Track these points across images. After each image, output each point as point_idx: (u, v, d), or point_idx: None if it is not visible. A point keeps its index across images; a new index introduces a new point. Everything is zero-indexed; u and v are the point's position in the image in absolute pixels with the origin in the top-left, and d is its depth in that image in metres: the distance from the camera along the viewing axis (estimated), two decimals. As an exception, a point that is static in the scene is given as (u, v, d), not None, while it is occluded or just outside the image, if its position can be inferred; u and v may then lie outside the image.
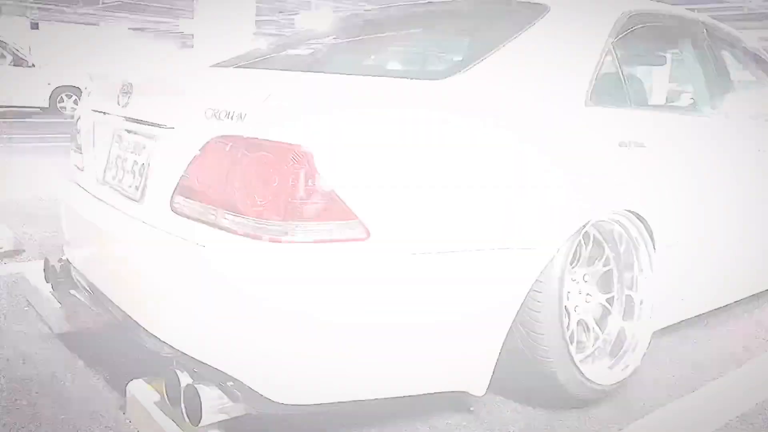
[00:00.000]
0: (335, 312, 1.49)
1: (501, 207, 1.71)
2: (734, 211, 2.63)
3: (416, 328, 1.62)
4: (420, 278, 1.58)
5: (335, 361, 1.52)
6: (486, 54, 1.86)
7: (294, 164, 1.43)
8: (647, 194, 2.08)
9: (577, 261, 2.02)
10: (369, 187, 1.50)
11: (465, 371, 1.75)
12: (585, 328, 2.08)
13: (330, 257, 1.47)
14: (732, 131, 2.64)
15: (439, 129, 1.64)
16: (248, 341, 1.47)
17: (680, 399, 2.07)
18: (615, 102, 2.14)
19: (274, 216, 1.45)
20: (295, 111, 1.46)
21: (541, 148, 1.81)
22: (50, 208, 4.17)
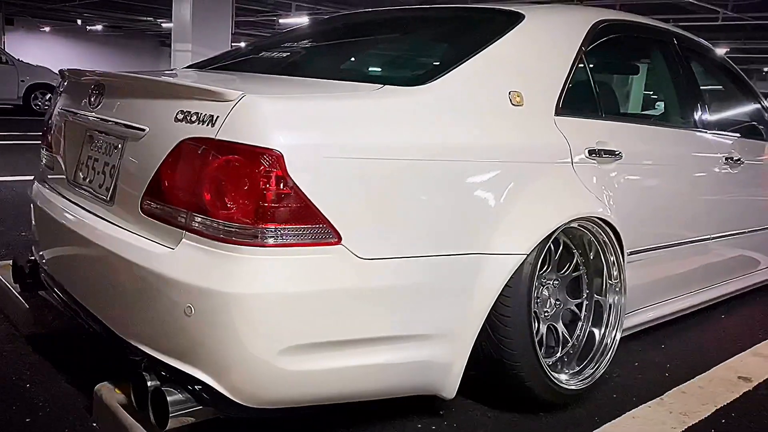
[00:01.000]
0: (305, 316, 1.50)
1: (471, 213, 1.73)
2: (702, 217, 2.68)
3: (386, 332, 1.63)
4: (390, 282, 1.60)
5: (303, 365, 1.52)
6: (460, 61, 1.88)
7: (265, 168, 1.43)
8: (615, 202, 2.11)
9: (547, 267, 2.04)
10: (341, 191, 1.51)
11: (435, 375, 1.76)
12: (554, 333, 2.10)
13: (300, 261, 1.47)
14: (700, 140, 2.70)
15: (412, 134, 1.65)
16: (216, 344, 1.47)
17: (647, 403, 2.11)
18: (586, 111, 2.18)
19: (245, 219, 1.45)
20: (267, 114, 1.46)
21: (510, 155, 1.83)
22: (20, 207, 4.12)
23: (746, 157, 2.89)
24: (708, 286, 2.92)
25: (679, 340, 2.70)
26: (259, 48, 2.62)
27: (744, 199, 2.97)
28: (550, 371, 1.93)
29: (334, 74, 1.95)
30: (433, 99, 1.76)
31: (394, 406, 1.86)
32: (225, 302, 1.44)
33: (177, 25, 8.50)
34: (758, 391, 2.27)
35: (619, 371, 2.31)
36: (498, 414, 1.97)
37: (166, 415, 1.50)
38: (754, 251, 3.24)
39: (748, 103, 3.29)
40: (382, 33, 2.48)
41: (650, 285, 2.48)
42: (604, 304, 2.16)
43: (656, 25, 2.70)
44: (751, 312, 3.21)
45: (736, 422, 2.03)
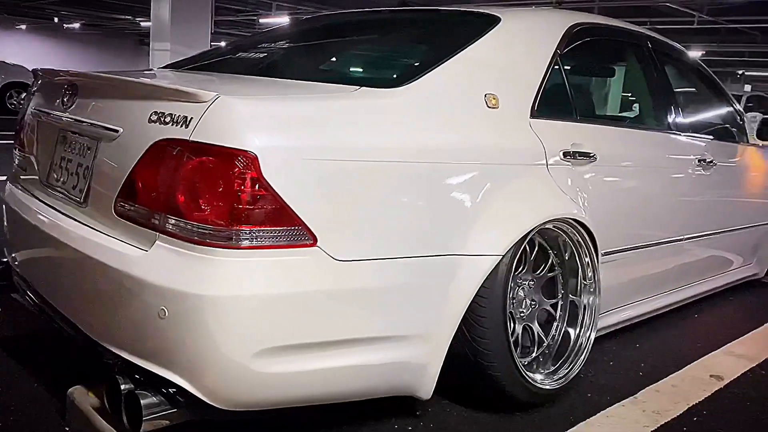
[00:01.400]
0: (280, 318, 1.49)
1: (446, 214, 1.74)
2: (676, 218, 2.72)
3: (362, 333, 1.63)
4: (366, 284, 1.60)
5: (279, 367, 1.52)
6: (437, 63, 1.89)
7: (239, 169, 1.42)
8: (590, 203, 2.14)
9: (522, 267, 2.06)
10: (316, 192, 1.51)
11: (411, 376, 1.76)
12: (530, 334, 2.12)
13: (275, 263, 1.47)
14: (674, 142, 2.74)
15: (388, 136, 1.66)
16: (190, 347, 1.46)
17: (621, 402, 2.13)
18: (561, 113, 2.20)
19: (219, 221, 1.44)
20: (241, 115, 1.46)
21: (486, 157, 1.85)
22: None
23: (719, 159, 2.94)
24: (682, 285, 2.96)
25: (653, 339, 2.74)
26: (236, 48, 2.61)
27: (717, 200, 3.02)
28: (525, 371, 1.95)
29: (311, 75, 1.95)
30: (409, 101, 1.77)
31: (370, 406, 1.87)
32: (199, 305, 1.43)
33: (155, 24, 8.43)
34: (729, 389, 2.31)
35: (594, 371, 2.34)
36: (474, 414, 1.98)
37: (140, 418, 1.49)
38: (726, 251, 3.30)
39: (721, 105, 3.35)
40: (359, 35, 2.49)
41: (625, 285, 2.51)
42: (579, 305, 2.19)
43: (630, 28, 2.74)
44: (725, 311, 3.27)
45: (707, 420, 2.07)
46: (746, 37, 13.13)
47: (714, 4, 10.38)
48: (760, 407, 2.19)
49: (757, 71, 19.79)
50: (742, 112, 3.44)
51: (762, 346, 2.76)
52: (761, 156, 3.46)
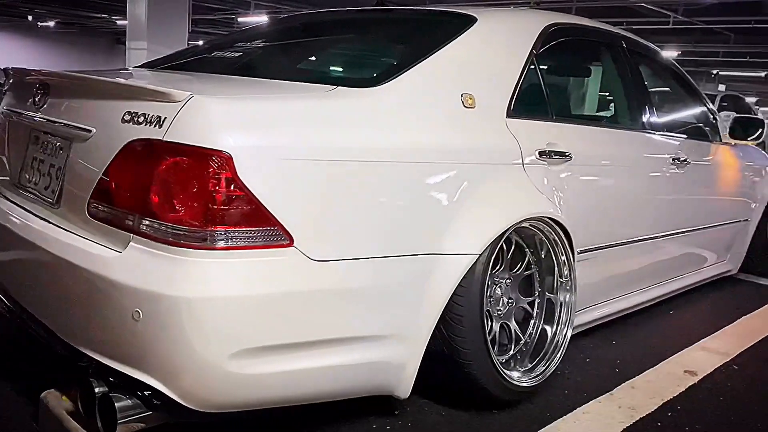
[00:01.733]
0: (256, 319, 1.49)
1: (424, 214, 1.75)
2: (651, 216, 2.76)
3: (339, 334, 1.63)
4: (343, 284, 1.60)
5: (255, 368, 1.51)
6: (413, 63, 1.90)
7: (213, 169, 1.41)
8: (565, 202, 2.16)
9: (499, 266, 2.08)
10: (292, 192, 1.50)
11: (389, 375, 1.77)
12: (507, 331, 2.14)
13: (251, 264, 1.46)
14: (648, 141, 2.77)
15: (365, 136, 1.66)
16: (165, 349, 1.44)
17: (597, 398, 2.16)
18: (536, 113, 2.22)
19: (193, 222, 1.43)
20: (216, 115, 1.45)
21: (462, 157, 1.85)
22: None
23: (692, 158, 2.98)
24: (657, 283, 3.00)
25: (629, 336, 2.77)
26: (213, 47, 2.59)
27: (691, 198, 3.07)
28: (502, 369, 1.96)
29: (288, 75, 1.94)
30: (385, 101, 1.77)
31: (348, 406, 1.87)
32: (174, 306, 1.42)
33: (131, 23, 8.32)
34: (702, 384, 2.35)
35: (570, 368, 2.36)
36: (452, 412, 1.99)
37: (114, 421, 1.47)
38: (701, 248, 3.35)
39: (694, 104, 3.40)
40: (336, 34, 2.48)
41: (601, 283, 2.54)
42: (555, 302, 2.21)
43: (605, 28, 2.76)
44: (699, 307, 3.32)
45: (681, 415, 2.10)
46: (720, 37, 13.34)
47: (689, 5, 10.53)
48: (733, 401, 2.23)
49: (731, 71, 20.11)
50: (715, 111, 3.50)
51: (735, 341, 2.81)
52: (734, 154, 3.51)
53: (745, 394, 2.30)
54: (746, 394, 2.30)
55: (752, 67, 18.37)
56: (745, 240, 3.73)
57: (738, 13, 10.63)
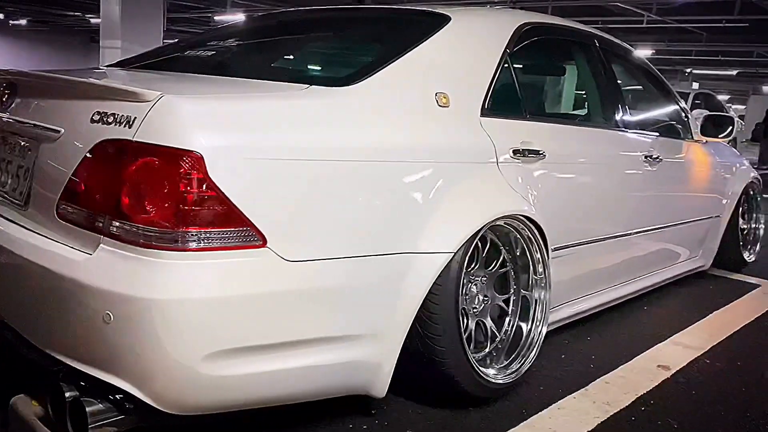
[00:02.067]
0: (230, 320, 1.48)
1: (398, 213, 1.75)
2: (624, 213, 2.79)
3: (314, 334, 1.62)
4: (317, 284, 1.59)
5: (229, 370, 1.50)
6: (387, 62, 1.90)
7: (184, 170, 1.40)
8: (539, 200, 2.17)
9: (475, 264, 2.09)
10: (265, 192, 1.50)
11: (365, 375, 1.77)
12: (483, 329, 2.15)
13: (224, 265, 1.45)
14: (621, 139, 2.80)
15: (338, 135, 1.65)
16: (137, 352, 1.43)
17: (572, 394, 2.18)
18: (510, 112, 2.23)
19: (164, 223, 1.42)
20: (186, 115, 1.43)
21: (437, 156, 1.86)
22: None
23: (665, 155, 3.02)
24: (631, 279, 3.04)
25: (603, 331, 2.80)
26: (186, 46, 2.56)
27: (663, 195, 3.11)
28: (478, 366, 1.97)
29: (261, 74, 1.93)
30: (359, 100, 1.77)
31: (325, 406, 1.86)
32: (145, 309, 1.40)
33: (105, 21, 8.20)
34: (675, 378, 2.38)
35: (546, 364, 2.38)
36: (429, 410, 2.00)
37: (85, 426, 1.45)
38: (674, 244, 3.40)
39: (667, 103, 3.44)
40: (310, 33, 2.47)
41: (575, 279, 2.56)
42: (530, 299, 2.22)
43: (579, 27, 2.79)
44: (672, 302, 3.37)
45: (654, 409, 2.13)
46: (693, 36, 13.56)
47: (662, 4, 10.68)
48: (704, 394, 2.27)
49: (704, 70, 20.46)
50: (686, 109, 3.55)
51: (707, 335, 2.86)
52: (705, 152, 3.57)
53: (716, 387, 2.34)
54: (717, 388, 2.34)
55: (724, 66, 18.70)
56: (716, 236, 3.79)
57: (709, 13, 10.81)
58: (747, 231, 4.15)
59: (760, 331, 2.99)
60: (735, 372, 2.49)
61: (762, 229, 4.24)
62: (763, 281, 3.87)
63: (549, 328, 2.42)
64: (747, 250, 4.10)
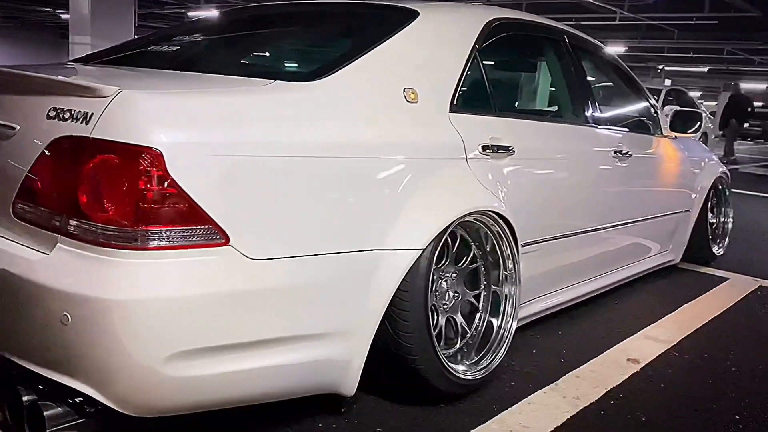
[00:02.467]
0: (192, 320, 1.45)
1: (365, 210, 1.73)
2: (594, 208, 2.81)
3: (280, 333, 1.60)
4: (282, 282, 1.57)
5: (193, 370, 1.47)
6: (354, 57, 1.88)
7: (143, 167, 1.37)
8: (509, 195, 2.17)
9: (445, 260, 2.08)
10: (227, 190, 1.47)
11: (333, 373, 1.75)
12: (453, 325, 2.14)
13: (185, 264, 1.42)
14: (590, 134, 2.82)
15: (303, 131, 1.63)
16: (97, 354, 1.39)
17: (542, 389, 2.19)
18: (479, 108, 2.23)
19: (123, 222, 1.38)
20: (145, 110, 1.40)
21: (405, 152, 1.85)
22: None
23: (634, 151, 3.05)
24: (602, 273, 3.06)
25: (574, 326, 2.82)
26: (153, 41, 2.51)
27: (633, 189, 3.14)
28: (447, 363, 1.96)
29: (225, 69, 1.90)
30: (325, 95, 1.74)
31: (293, 405, 1.84)
32: (104, 309, 1.37)
33: (74, 16, 8.04)
34: (645, 372, 2.41)
35: (517, 359, 2.39)
36: (399, 408, 1.99)
37: (43, 430, 1.41)
38: (644, 239, 3.43)
39: (636, 99, 3.47)
40: (276, 27, 2.44)
41: (546, 274, 2.57)
42: (501, 295, 2.22)
43: (549, 23, 2.80)
44: (643, 296, 3.40)
45: (623, 403, 2.14)
46: (665, 33, 13.73)
47: (634, 1, 10.80)
48: (672, 388, 2.29)
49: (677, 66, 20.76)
50: (656, 105, 3.58)
51: (676, 328, 2.89)
52: (674, 147, 3.61)
53: (684, 380, 2.37)
54: (685, 380, 2.36)
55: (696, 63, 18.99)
56: (686, 230, 3.84)
57: (680, 10, 10.96)
58: (716, 225, 4.21)
59: (727, 323, 3.03)
60: (703, 365, 2.52)
61: (730, 223, 4.31)
62: (732, 274, 3.93)
63: (520, 324, 2.43)
64: (716, 243, 4.16)
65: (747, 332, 2.94)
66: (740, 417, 2.11)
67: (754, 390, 2.32)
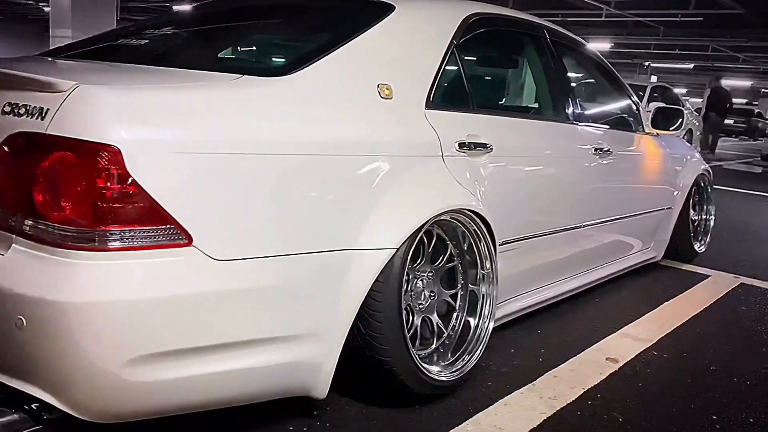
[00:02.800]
0: (154, 323, 1.40)
1: (337, 209, 1.69)
2: (573, 206, 2.78)
3: (247, 336, 1.56)
4: (249, 284, 1.53)
5: (156, 374, 1.43)
6: (326, 51, 1.83)
7: (101, 165, 1.32)
8: (486, 193, 2.14)
9: (420, 259, 2.04)
10: (190, 188, 1.42)
11: (304, 376, 1.71)
12: (429, 325, 2.11)
13: (146, 265, 1.38)
14: (570, 131, 2.79)
15: (271, 127, 1.58)
16: (54, 358, 1.35)
17: (519, 389, 2.16)
18: (457, 104, 2.19)
19: (81, 222, 1.33)
20: (103, 106, 1.35)
21: (379, 149, 1.80)
22: None
23: (615, 148, 3.02)
24: (582, 271, 3.04)
25: (554, 325, 2.80)
26: (123, 34, 2.44)
27: (614, 187, 3.11)
28: (422, 364, 1.93)
29: (193, 63, 1.84)
30: (296, 90, 1.70)
31: (264, 407, 1.80)
32: (61, 313, 1.32)
33: (55, 9, 7.92)
34: (623, 371, 2.39)
35: (495, 359, 2.36)
36: (373, 410, 1.95)
37: (-3, 438, 1.36)
38: (625, 236, 3.42)
39: (618, 95, 3.45)
40: (249, 21, 2.38)
41: (525, 273, 2.54)
42: (478, 294, 2.19)
43: (528, 19, 2.76)
44: (624, 294, 3.39)
45: (601, 403, 2.12)
46: (651, 30, 13.77)
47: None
48: (651, 387, 2.27)
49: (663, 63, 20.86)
50: (638, 102, 3.56)
51: (656, 327, 2.88)
52: (656, 144, 3.60)
53: (662, 379, 2.35)
54: (663, 380, 2.35)
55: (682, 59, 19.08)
56: (668, 227, 3.83)
57: (666, 7, 10.99)
58: (698, 222, 4.21)
59: (707, 322, 3.02)
60: (681, 364, 2.51)
61: (712, 220, 4.31)
62: (713, 272, 3.93)
63: (498, 323, 2.41)
64: (698, 241, 4.16)
65: (727, 330, 2.93)
66: (717, 417, 2.10)
67: (732, 389, 2.31)
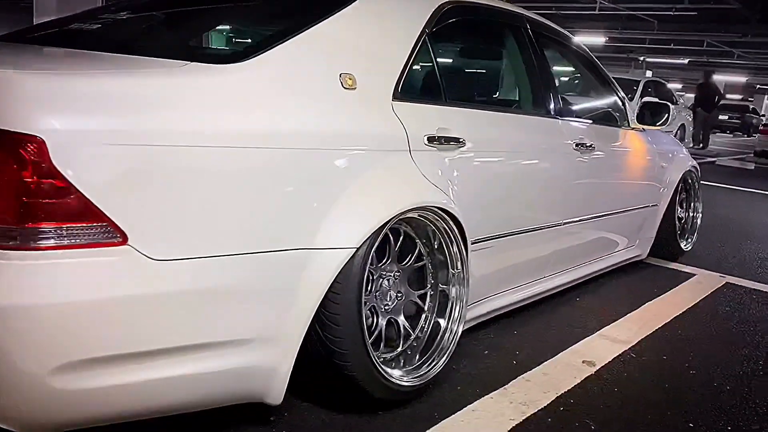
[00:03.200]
0: (85, 327, 1.30)
1: (292, 206, 1.59)
2: (551, 203, 2.69)
3: (190, 340, 1.46)
4: (191, 285, 1.43)
5: (89, 382, 1.33)
6: (284, 38, 1.72)
7: (23, 157, 1.22)
8: (458, 190, 2.05)
9: (386, 258, 1.95)
10: (125, 183, 1.32)
11: (257, 381, 1.62)
12: (396, 327, 2.02)
13: (75, 265, 1.28)
14: (549, 126, 2.69)
15: (219, 118, 1.48)
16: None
17: (490, 394, 2.07)
18: (427, 96, 2.09)
19: (5, 219, 1.23)
20: (26, 93, 1.24)
21: (339, 142, 1.71)
22: None
23: (598, 143, 2.93)
24: (562, 270, 2.95)
25: (531, 325, 2.71)
26: (76, 19, 2.32)
27: (596, 183, 3.02)
28: (383, 369, 1.84)
29: (140, 49, 1.73)
30: (248, 79, 1.59)
31: (217, 413, 1.71)
32: (-17, 317, 1.22)
33: (38, -4, 7.77)
34: (600, 375, 2.30)
35: (466, 361, 2.27)
36: (334, 416, 1.86)
37: None
38: (609, 234, 3.33)
39: (603, 90, 3.36)
40: (203, 5, 2.27)
41: (499, 272, 2.45)
42: (449, 294, 2.10)
43: (508, 8, 2.66)
44: (606, 293, 3.30)
45: (574, 409, 2.04)
46: (645, 24, 13.67)
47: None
48: (627, 392, 2.19)
49: (657, 58, 20.76)
50: (624, 96, 3.47)
51: (637, 328, 2.80)
52: (642, 140, 3.51)
53: (639, 384, 2.26)
54: (641, 384, 2.26)
55: (676, 54, 18.99)
56: (654, 225, 3.75)
57: (660, 0, 10.89)
58: (685, 220, 4.13)
59: (689, 323, 2.94)
60: (660, 367, 2.43)
61: (700, 217, 4.23)
62: (699, 270, 3.85)
63: (470, 325, 2.32)
64: (684, 239, 4.09)
65: (708, 332, 2.85)
66: (694, 425, 2.01)
67: (710, 395, 2.23)
